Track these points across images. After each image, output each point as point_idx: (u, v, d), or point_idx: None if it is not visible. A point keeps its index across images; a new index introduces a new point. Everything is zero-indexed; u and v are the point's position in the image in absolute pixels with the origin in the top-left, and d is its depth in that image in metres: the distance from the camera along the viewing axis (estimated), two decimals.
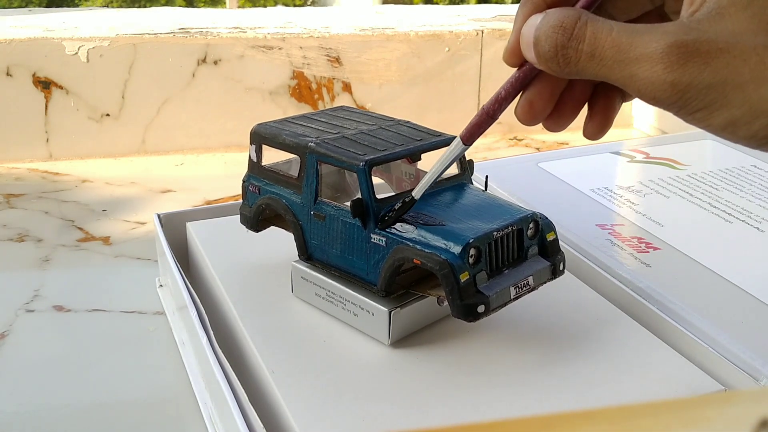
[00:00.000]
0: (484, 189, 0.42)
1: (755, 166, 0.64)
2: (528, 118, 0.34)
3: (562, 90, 0.34)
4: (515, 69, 0.34)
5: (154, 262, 0.59)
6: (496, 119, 0.35)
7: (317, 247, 0.41)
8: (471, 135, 0.36)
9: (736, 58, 0.27)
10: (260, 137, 0.44)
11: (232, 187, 0.73)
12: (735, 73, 0.27)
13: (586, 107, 0.36)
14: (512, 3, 1.72)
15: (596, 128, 0.35)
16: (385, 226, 0.38)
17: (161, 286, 0.55)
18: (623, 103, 0.36)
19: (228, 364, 0.38)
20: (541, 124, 0.35)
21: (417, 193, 0.38)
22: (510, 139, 0.95)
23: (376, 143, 0.41)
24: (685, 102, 0.28)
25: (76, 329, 0.51)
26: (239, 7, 1.44)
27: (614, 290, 0.46)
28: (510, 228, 0.38)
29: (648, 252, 0.50)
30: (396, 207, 0.38)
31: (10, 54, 0.78)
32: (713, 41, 0.27)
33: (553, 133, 0.97)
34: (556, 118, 0.35)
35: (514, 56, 0.33)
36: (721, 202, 0.57)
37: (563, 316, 0.43)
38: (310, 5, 2.63)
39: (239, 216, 0.46)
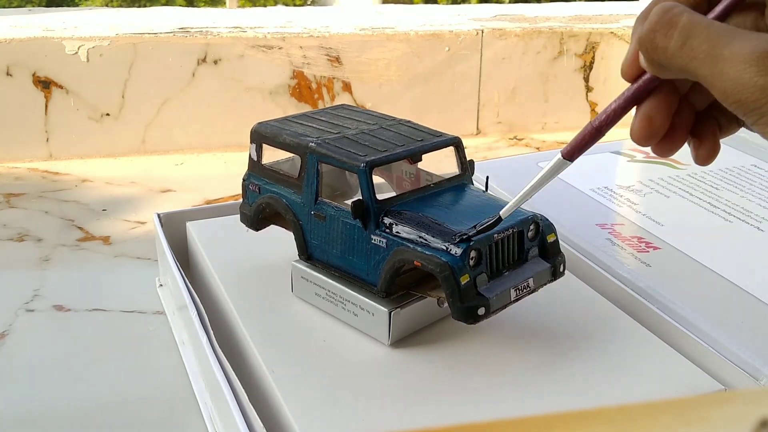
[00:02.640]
0: (484, 190, 0.42)
1: (755, 166, 0.64)
2: (645, 134, 0.33)
3: (674, 112, 0.33)
4: (629, 84, 0.33)
5: (154, 261, 0.59)
6: (604, 135, 0.34)
7: (317, 247, 0.41)
8: (574, 150, 0.34)
9: None
10: (261, 136, 0.44)
11: (232, 187, 0.73)
12: None
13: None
14: (511, 3, 1.72)
15: (707, 153, 0.34)
16: (465, 240, 0.36)
17: (161, 285, 0.55)
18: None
19: (228, 364, 0.38)
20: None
21: (505, 212, 0.36)
22: (510, 139, 0.95)
23: (376, 144, 0.41)
24: None
25: (76, 329, 0.51)
26: (239, 6, 1.44)
27: (614, 290, 0.46)
28: (510, 230, 0.38)
29: (648, 252, 0.50)
30: (480, 227, 0.36)
31: (10, 54, 0.78)
32: None
33: (553, 133, 0.97)
34: (668, 140, 0.33)
35: (632, 67, 0.32)
36: (721, 201, 0.57)
37: (563, 316, 0.43)
38: (310, 5, 2.63)
39: (239, 215, 0.46)
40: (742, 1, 0.31)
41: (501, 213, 0.36)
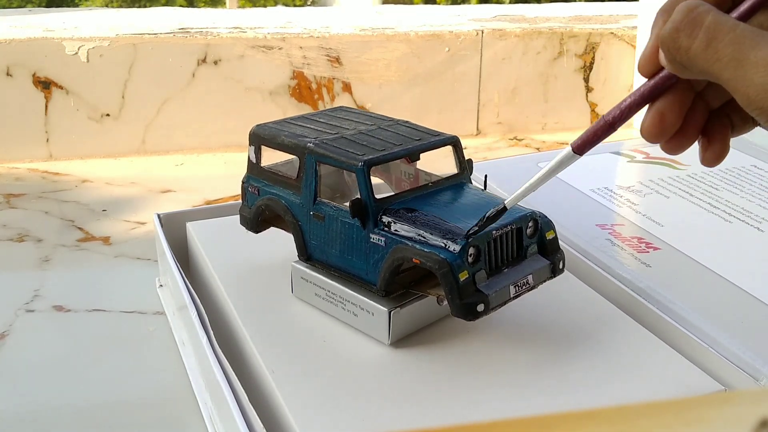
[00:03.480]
0: (483, 188, 0.42)
1: (755, 166, 0.64)
2: (656, 131, 0.32)
3: (687, 110, 0.33)
4: (645, 80, 0.32)
5: (154, 262, 0.59)
6: (616, 130, 0.33)
7: (317, 248, 0.41)
8: (584, 144, 0.33)
9: None
10: (259, 138, 0.44)
11: (232, 187, 0.73)
12: None
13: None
14: (511, 3, 1.72)
15: (716, 155, 0.33)
16: (472, 235, 0.36)
17: (161, 286, 0.55)
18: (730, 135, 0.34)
19: (228, 364, 0.38)
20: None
21: (510, 202, 0.36)
22: (510, 139, 0.95)
23: (374, 143, 0.41)
24: None
25: (76, 329, 0.51)
26: (239, 7, 1.45)
27: (614, 290, 0.46)
28: (509, 227, 0.38)
29: (648, 252, 0.50)
30: (486, 216, 0.36)
31: (10, 54, 0.78)
32: None
33: (553, 134, 0.97)
34: (679, 137, 0.33)
35: (649, 64, 0.31)
36: (721, 202, 0.57)
37: (563, 316, 0.43)
38: (310, 5, 2.63)
39: (239, 217, 0.46)
40: (763, 4, 0.30)
41: (506, 202, 0.36)
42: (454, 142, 0.43)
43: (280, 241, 0.45)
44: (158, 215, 0.53)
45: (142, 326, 0.51)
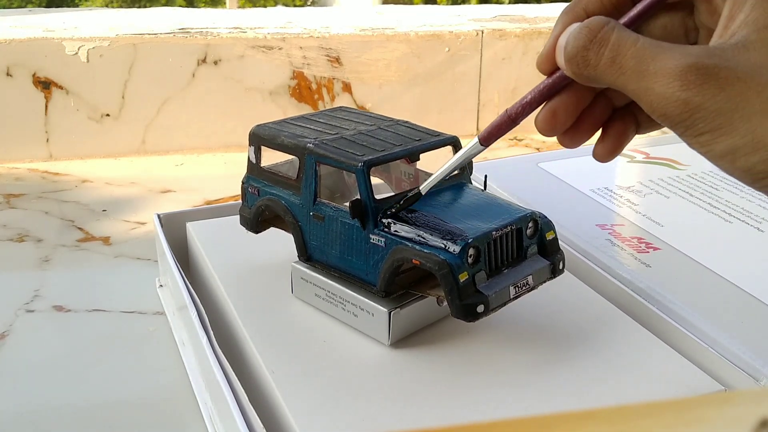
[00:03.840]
0: (483, 188, 0.42)
1: None
2: (547, 127, 0.35)
3: (584, 107, 0.35)
4: (545, 77, 0.34)
5: (154, 262, 0.59)
6: (518, 124, 0.35)
7: (317, 248, 0.41)
8: (490, 136, 0.36)
9: (751, 89, 0.27)
10: (259, 139, 0.44)
11: (232, 188, 0.73)
12: (746, 103, 0.27)
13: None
14: (511, 3, 1.72)
15: (607, 151, 0.35)
16: (389, 218, 0.38)
17: (161, 286, 0.55)
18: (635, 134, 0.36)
19: (228, 364, 0.38)
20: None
21: (424, 188, 0.38)
22: (510, 140, 0.95)
23: (374, 144, 0.41)
24: (693, 122, 0.28)
25: (76, 329, 0.51)
26: (239, 7, 1.45)
27: (614, 290, 0.46)
28: (509, 227, 0.38)
29: (648, 252, 0.50)
30: (402, 201, 0.38)
31: (10, 54, 0.78)
32: (732, 69, 0.27)
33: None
34: (572, 134, 0.35)
35: (548, 62, 0.33)
36: (721, 202, 0.57)
37: (563, 317, 0.43)
38: (310, 5, 2.63)
39: (239, 217, 0.46)
40: (659, 5, 0.32)
41: (421, 188, 0.38)
42: (454, 143, 0.43)
43: (280, 242, 0.45)
44: (158, 215, 0.53)
45: (142, 326, 0.51)
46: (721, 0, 0.30)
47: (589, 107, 0.35)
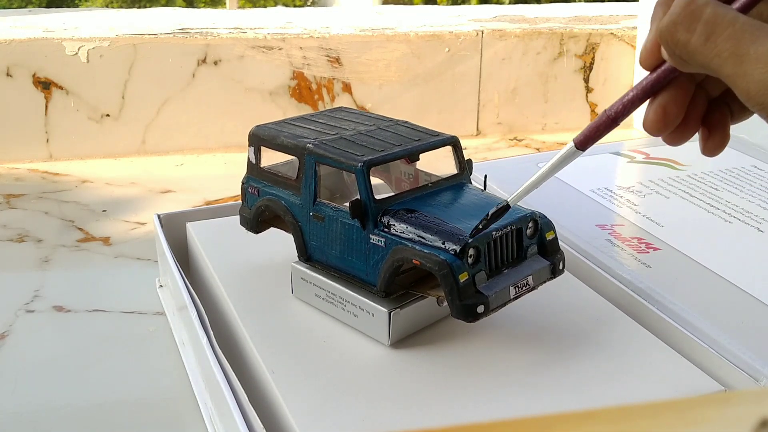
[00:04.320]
0: (483, 188, 0.42)
1: (755, 167, 0.64)
2: (660, 126, 0.32)
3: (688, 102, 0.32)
4: (648, 73, 0.32)
5: (154, 262, 0.59)
6: (618, 124, 0.33)
7: (317, 248, 0.41)
8: (587, 140, 0.33)
9: None
10: (259, 139, 0.44)
11: (232, 188, 0.73)
12: None
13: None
14: (511, 3, 1.72)
15: (715, 145, 0.33)
16: (476, 234, 0.36)
17: (161, 286, 0.55)
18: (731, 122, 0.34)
19: (228, 364, 0.38)
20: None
21: (513, 199, 0.35)
22: (510, 140, 0.95)
23: (374, 144, 0.41)
24: None
25: (76, 329, 0.51)
26: (239, 7, 1.45)
27: (614, 290, 0.46)
28: (509, 227, 0.38)
29: (648, 252, 0.50)
30: (490, 213, 0.36)
31: (10, 54, 0.78)
32: None
33: (553, 134, 0.97)
34: (682, 129, 0.32)
35: (650, 56, 0.31)
36: (721, 202, 0.57)
37: (563, 317, 0.43)
38: (310, 5, 2.64)
39: (239, 217, 0.46)
40: None
41: (509, 200, 0.35)
42: (454, 143, 0.43)
43: (280, 242, 0.45)
44: (158, 215, 0.53)
45: (142, 326, 0.51)
46: None
47: (690, 102, 0.32)
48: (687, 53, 0.28)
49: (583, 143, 0.33)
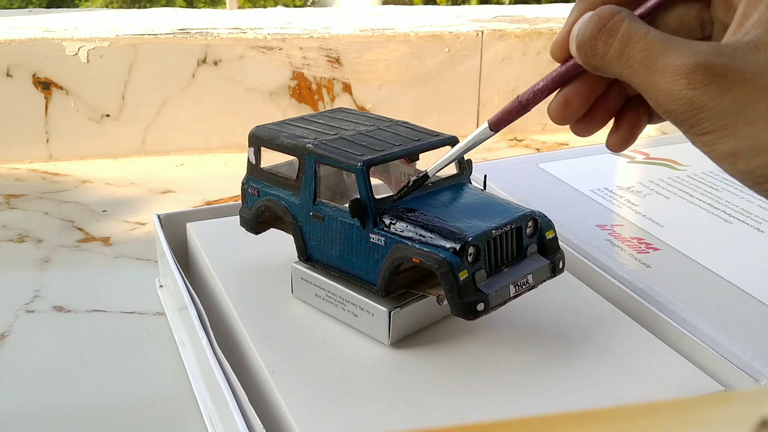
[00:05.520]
0: (482, 188, 0.42)
1: None
2: (560, 115, 0.34)
3: (597, 96, 0.34)
4: (558, 65, 0.34)
5: (154, 262, 0.59)
6: (529, 110, 0.35)
7: (317, 248, 0.41)
8: (500, 122, 0.35)
9: (759, 92, 0.27)
10: (258, 140, 0.44)
11: (232, 188, 0.73)
12: (751, 106, 0.27)
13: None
14: (511, 4, 1.72)
15: (620, 140, 0.35)
16: (398, 199, 0.39)
17: (161, 286, 0.55)
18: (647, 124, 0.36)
19: (228, 364, 0.38)
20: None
21: (432, 170, 0.38)
22: (510, 140, 0.95)
23: (373, 144, 0.41)
24: (697, 121, 0.28)
25: (76, 330, 0.51)
26: (239, 7, 1.45)
27: (614, 290, 0.46)
28: (509, 226, 0.38)
29: (648, 252, 0.50)
30: (411, 181, 0.38)
31: (10, 54, 0.78)
32: (741, 70, 0.27)
33: (553, 134, 0.97)
34: (586, 122, 0.35)
35: (561, 50, 0.33)
36: (721, 202, 0.57)
37: (563, 317, 0.43)
38: (310, 6, 2.64)
39: (239, 218, 0.46)
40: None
41: (428, 171, 0.38)
42: (454, 143, 0.43)
43: (280, 242, 0.45)
44: (158, 216, 0.53)
45: (142, 327, 0.51)
46: None
47: (602, 96, 0.34)
48: (603, 64, 0.30)
49: (497, 125, 0.36)
